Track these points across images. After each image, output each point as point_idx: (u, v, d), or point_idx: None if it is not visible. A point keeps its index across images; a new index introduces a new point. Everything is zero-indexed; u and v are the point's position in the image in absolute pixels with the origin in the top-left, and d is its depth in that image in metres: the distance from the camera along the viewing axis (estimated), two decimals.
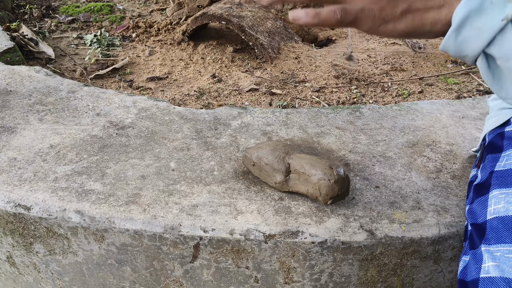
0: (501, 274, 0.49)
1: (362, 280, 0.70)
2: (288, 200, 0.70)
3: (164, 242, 0.67)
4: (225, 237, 0.66)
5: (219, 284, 0.72)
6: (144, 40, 1.73)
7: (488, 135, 0.70)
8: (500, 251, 0.51)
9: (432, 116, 0.92)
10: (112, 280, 0.75)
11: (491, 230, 0.54)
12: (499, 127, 0.67)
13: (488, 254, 0.52)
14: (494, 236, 0.53)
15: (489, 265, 0.51)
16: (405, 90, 1.38)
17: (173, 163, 0.78)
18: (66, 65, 1.55)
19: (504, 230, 0.52)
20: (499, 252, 0.51)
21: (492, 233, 0.53)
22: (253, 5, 1.68)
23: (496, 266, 0.50)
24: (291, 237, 0.65)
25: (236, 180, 0.74)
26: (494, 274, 0.50)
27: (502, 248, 0.51)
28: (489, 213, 0.55)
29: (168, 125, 0.88)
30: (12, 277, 0.83)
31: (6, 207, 0.70)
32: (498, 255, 0.51)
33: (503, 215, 0.53)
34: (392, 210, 0.69)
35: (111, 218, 0.67)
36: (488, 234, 0.53)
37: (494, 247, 0.52)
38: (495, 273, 0.50)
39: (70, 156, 0.79)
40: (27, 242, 0.74)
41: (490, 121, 0.71)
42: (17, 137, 0.84)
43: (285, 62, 1.53)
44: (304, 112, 0.93)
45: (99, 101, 0.95)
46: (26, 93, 0.98)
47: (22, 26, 1.67)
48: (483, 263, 0.52)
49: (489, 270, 0.50)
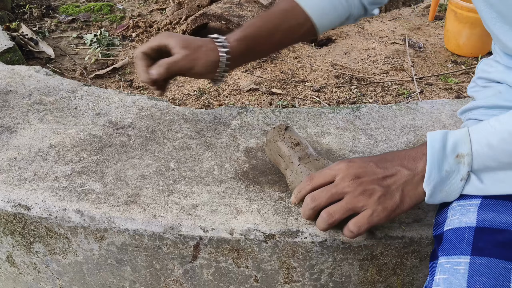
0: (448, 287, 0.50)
1: (362, 280, 0.70)
2: (288, 200, 0.70)
3: (164, 241, 0.67)
4: (225, 236, 0.66)
5: (219, 284, 0.72)
6: (144, 39, 1.73)
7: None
8: (450, 263, 0.52)
9: (432, 116, 0.92)
10: (112, 280, 0.75)
11: (445, 241, 0.55)
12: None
13: (441, 267, 0.53)
14: (446, 248, 0.54)
15: (439, 278, 0.52)
16: (405, 90, 1.38)
17: (173, 163, 0.78)
18: (66, 65, 1.55)
19: (456, 242, 0.53)
20: (449, 264, 0.52)
21: (446, 245, 0.54)
22: (253, 5, 1.68)
23: (445, 279, 0.51)
24: (291, 236, 0.65)
25: (236, 179, 0.74)
26: (444, 286, 0.50)
27: (452, 260, 0.52)
28: (447, 224, 0.57)
29: (168, 124, 0.88)
30: (12, 277, 0.83)
31: (6, 207, 0.70)
32: (448, 267, 0.52)
33: (456, 226, 0.54)
34: None
35: (111, 218, 0.67)
36: (443, 245, 0.55)
37: (445, 258, 0.53)
38: (444, 286, 0.50)
39: (70, 156, 0.79)
40: (27, 242, 0.74)
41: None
42: (17, 136, 0.84)
43: (285, 62, 1.53)
44: (304, 111, 0.93)
45: (99, 101, 0.95)
46: (26, 93, 0.98)
47: (22, 25, 1.67)
48: (435, 275, 0.53)
49: (439, 282, 0.51)
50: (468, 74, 1.48)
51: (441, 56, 1.61)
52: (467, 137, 0.53)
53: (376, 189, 0.55)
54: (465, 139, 0.53)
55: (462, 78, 1.46)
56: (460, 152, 0.53)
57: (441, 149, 0.54)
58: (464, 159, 0.53)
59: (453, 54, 1.60)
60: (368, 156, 0.61)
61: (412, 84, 1.41)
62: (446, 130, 0.55)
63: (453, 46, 1.59)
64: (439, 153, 0.54)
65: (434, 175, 0.54)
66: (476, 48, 1.56)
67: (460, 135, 0.54)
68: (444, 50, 1.64)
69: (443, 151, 0.54)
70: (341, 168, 0.57)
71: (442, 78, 1.45)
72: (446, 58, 1.59)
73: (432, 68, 1.53)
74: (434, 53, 1.63)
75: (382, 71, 1.51)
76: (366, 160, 0.58)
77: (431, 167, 0.54)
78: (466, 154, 0.53)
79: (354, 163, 0.57)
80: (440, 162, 0.54)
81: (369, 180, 0.56)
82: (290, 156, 0.69)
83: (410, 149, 0.58)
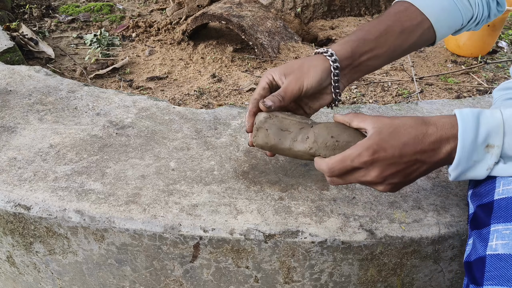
0: (510, 251, 0.50)
1: (362, 279, 0.70)
2: (288, 199, 0.70)
3: (164, 241, 0.67)
4: (225, 236, 0.66)
5: (219, 284, 0.72)
6: (144, 39, 1.73)
7: None
8: (510, 229, 0.52)
9: (432, 116, 0.92)
10: (112, 280, 0.75)
11: (499, 209, 0.55)
12: None
13: (497, 233, 0.53)
14: (503, 215, 0.54)
15: (497, 243, 0.52)
16: (405, 90, 1.38)
17: (173, 163, 0.78)
18: (66, 65, 1.55)
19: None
20: (508, 230, 0.52)
21: (501, 212, 0.54)
22: (253, 5, 1.68)
23: (505, 244, 0.51)
24: (291, 236, 0.65)
25: (236, 179, 0.74)
26: (503, 251, 0.51)
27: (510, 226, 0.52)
28: (497, 193, 0.56)
29: (168, 124, 0.88)
30: (12, 277, 0.83)
31: (6, 206, 0.70)
32: (507, 233, 0.52)
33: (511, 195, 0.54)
34: (392, 210, 0.69)
35: (111, 217, 0.67)
36: (496, 213, 0.55)
37: (503, 225, 0.53)
38: (504, 251, 0.51)
39: (70, 156, 0.79)
40: (27, 241, 0.74)
41: None
42: (17, 136, 0.84)
43: (285, 61, 1.53)
44: None
45: (99, 101, 0.95)
46: (26, 93, 0.97)
47: (22, 25, 1.67)
48: (490, 242, 0.53)
49: (497, 248, 0.51)
50: (468, 74, 1.48)
51: (441, 56, 1.61)
52: (501, 128, 0.52)
53: (391, 182, 0.57)
54: (498, 129, 0.53)
55: (462, 78, 1.46)
56: (491, 143, 0.53)
57: (473, 141, 0.53)
58: (493, 150, 0.53)
59: (453, 54, 1.60)
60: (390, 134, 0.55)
61: (412, 84, 1.41)
62: (477, 111, 0.54)
63: (453, 46, 1.59)
64: (470, 146, 0.53)
65: (462, 165, 0.55)
66: (476, 48, 1.56)
67: (494, 124, 0.53)
68: (444, 50, 1.64)
69: (475, 143, 0.53)
70: (364, 163, 0.56)
71: (442, 78, 1.45)
72: (446, 58, 1.59)
73: (432, 68, 1.53)
74: (434, 53, 1.63)
75: (382, 71, 1.51)
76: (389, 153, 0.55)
77: (460, 158, 0.54)
78: (496, 146, 0.53)
79: (376, 162, 0.55)
80: (470, 154, 0.54)
81: (389, 176, 0.57)
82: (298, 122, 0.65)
83: (433, 131, 0.55)
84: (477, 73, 1.49)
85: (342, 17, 1.93)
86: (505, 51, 1.65)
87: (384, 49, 0.68)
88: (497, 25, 1.50)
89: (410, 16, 0.69)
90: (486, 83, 1.41)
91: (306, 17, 1.89)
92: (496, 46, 1.67)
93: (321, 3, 1.87)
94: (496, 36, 1.55)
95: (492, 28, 1.50)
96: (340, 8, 1.92)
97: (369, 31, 0.68)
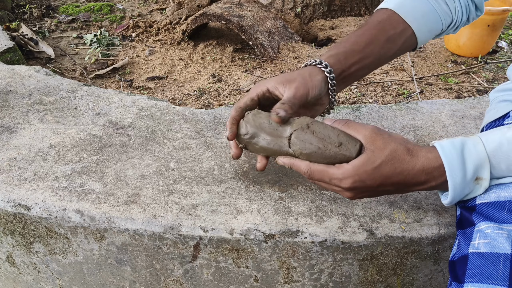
0: (492, 250, 0.51)
1: (362, 279, 0.70)
2: (288, 199, 0.70)
3: (164, 241, 0.67)
4: (225, 236, 0.66)
5: (219, 284, 0.72)
6: (144, 39, 1.73)
7: (486, 127, 0.71)
8: (490, 228, 0.53)
9: (432, 115, 0.92)
10: (112, 280, 0.75)
11: (481, 211, 0.57)
12: (498, 119, 0.68)
13: (480, 232, 0.54)
14: (486, 216, 0.56)
15: (479, 242, 0.53)
16: (405, 90, 1.38)
17: (173, 163, 0.78)
18: (66, 65, 1.55)
19: (494, 211, 0.55)
20: (490, 229, 0.53)
21: (483, 213, 0.56)
22: (253, 5, 1.68)
23: (487, 243, 0.52)
24: (291, 236, 0.65)
25: (236, 179, 0.74)
26: (485, 250, 0.52)
27: (492, 225, 0.53)
28: (479, 198, 0.58)
29: (168, 124, 0.88)
30: (12, 277, 0.83)
31: (6, 206, 0.70)
32: (489, 232, 0.53)
33: (494, 200, 0.56)
34: (392, 210, 0.69)
35: (111, 217, 0.67)
36: (480, 214, 0.56)
37: (484, 224, 0.54)
38: (486, 249, 0.52)
39: (70, 156, 0.79)
40: (27, 241, 0.74)
41: (490, 113, 0.72)
42: (17, 136, 0.84)
43: (285, 61, 1.53)
44: None
45: (99, 101, 0.95)
46: (26, 93, 0.97)
47: (22, 25, 1.67)
48: (473, 241, 0.54)
49: (479, 246, 0.53)
50: (468, 74, 1.48)
51: (441, 56, 1.61)
52: (487, 161, 0.54)
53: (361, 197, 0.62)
54: (484, 163, 0.54)
55: (462, 78, 1.46)
56: (480, 176, 0.55)
57: (463, 179, 0.55)
58: (482, 182, 0.55)
59: (453, 54, 1.60)
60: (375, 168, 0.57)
61: (412, 84, 1.41)
62: (460, 145, 0.55)
63: (453, 46, 1.59)
64: (461, 184, 0.55)
65: (456, 200, 0.57)
66: (476, 48, 1.56)
67: (479, 158, 0.54)
68: (444, 50, 1.64)
69: (464, 180, 0.55)
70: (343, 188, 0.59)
71: (442, 78, 1.45)
72: (446, 58, 1.59)
73: (432, 68, 1.52)
74: (434, 53, 1.63)
75: (382, 71, 1.51)
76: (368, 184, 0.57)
77: (453, 197, 0.56)
78: (485, 179, 0.55)
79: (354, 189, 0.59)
80: (462, 191, 0.56)
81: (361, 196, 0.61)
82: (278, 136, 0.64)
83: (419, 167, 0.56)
84: (477, 73, 1.49)
85: (342, 17, 1.93)
86: (505, 51, 1.66)
87: (371, 59, 0.70)
88: (497, 25, 1.50)
89: (393, 25, 0.71)
90: (486, 83, 1.41)
91: (306, 17, 1.89)
92: (496, 46, 1.67)
93: (321, 3, 1.87)
94: (496, 36, 1.55)
95: (492, 28, 1.50)
96: (340, 8, 1.92)
97: (356, 42, 0.70)
